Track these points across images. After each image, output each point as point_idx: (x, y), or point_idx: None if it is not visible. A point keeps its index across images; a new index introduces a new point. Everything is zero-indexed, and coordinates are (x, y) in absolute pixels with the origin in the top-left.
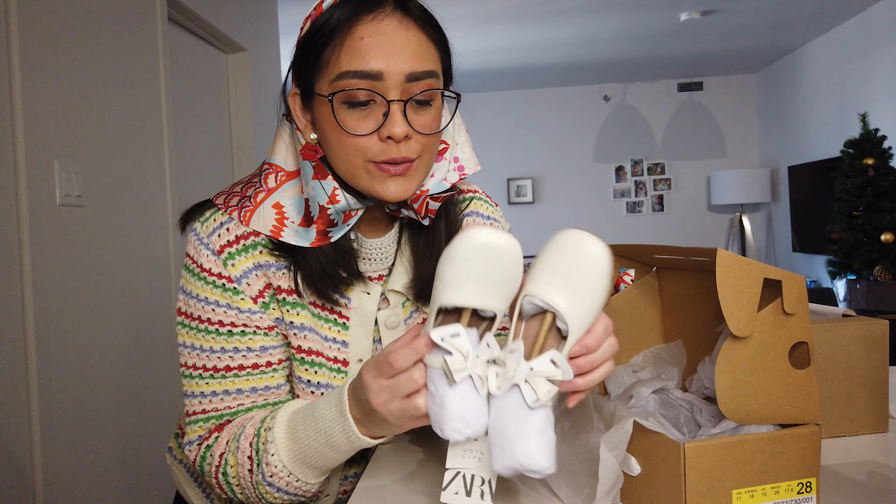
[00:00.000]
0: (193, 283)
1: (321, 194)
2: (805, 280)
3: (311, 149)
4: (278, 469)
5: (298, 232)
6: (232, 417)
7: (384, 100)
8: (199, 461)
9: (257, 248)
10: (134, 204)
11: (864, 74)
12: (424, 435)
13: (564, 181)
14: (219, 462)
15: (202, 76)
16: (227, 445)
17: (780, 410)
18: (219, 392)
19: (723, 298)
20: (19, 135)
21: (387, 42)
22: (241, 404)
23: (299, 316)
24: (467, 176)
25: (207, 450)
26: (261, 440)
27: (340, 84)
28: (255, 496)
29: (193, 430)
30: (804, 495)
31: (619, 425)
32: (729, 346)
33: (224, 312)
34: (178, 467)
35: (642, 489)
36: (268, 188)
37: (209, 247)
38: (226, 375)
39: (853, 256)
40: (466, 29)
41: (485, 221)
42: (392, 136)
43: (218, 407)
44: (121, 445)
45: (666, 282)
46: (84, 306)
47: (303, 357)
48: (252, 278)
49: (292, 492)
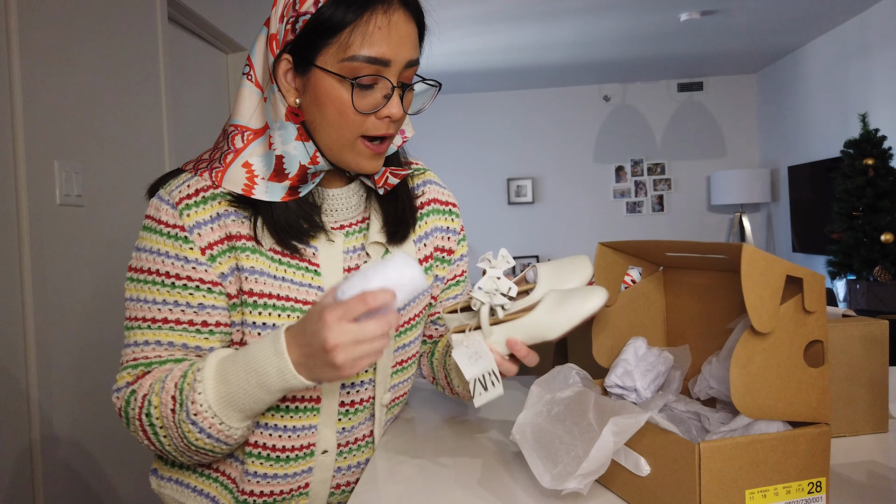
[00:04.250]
0: (147, 238)
1: (303, 154)
2: (824, 278)
3: (293, 112)
4: (203, 408)
5: (269, 187)
6: (160, 366)
7: (388, 83)
8: (123, 406)
9: (217, 199)
10: (134, 204)
11: (864, 74)
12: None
13: (564, 181)
14: (142, 403)
15: (202, 76)
16: (150, 387)
17: (792, 407)
18: (151, 342)
19: (747, 294)
20: (19, 135)
21: (395, 33)
22: (171, 355)
23: (255, 261)
24: (408, 139)
25: (132, 394)
26: (187, 381)
27: (352, 65)
28: (178, 435)
29: (122, 378)
30: (814, 495)
31: (633, 415)
32: (747, 339)
33: (172, 263)
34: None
35: (652, 490)
36: (235, 149)
37: (168, 201)
38: (161, 327)
39: (853, 256)
40: (466, 29)
41: (441, 191)
42: (391, 116)
43: (149, 355)
44: (121, 445)
45: (671, 281)
46: (84, 306)
47: (255, 300)
48: (206, 230)
49: (214, 434)
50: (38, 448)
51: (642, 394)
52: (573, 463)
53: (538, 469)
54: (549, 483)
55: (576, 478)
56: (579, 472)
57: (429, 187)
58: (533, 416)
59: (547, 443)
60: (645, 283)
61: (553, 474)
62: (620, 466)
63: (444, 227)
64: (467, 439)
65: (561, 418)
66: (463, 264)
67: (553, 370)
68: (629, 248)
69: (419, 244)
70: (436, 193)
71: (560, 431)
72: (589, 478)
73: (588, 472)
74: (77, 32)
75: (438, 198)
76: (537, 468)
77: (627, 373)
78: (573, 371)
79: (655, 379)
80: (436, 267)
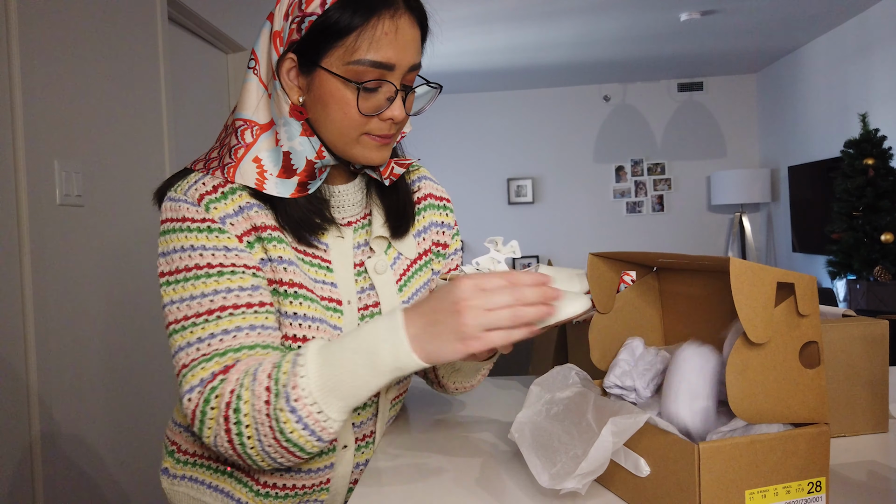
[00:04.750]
0: (175, 238)
1: (309, 150)
2: (816, 280)
3: (296, 109)
4: (305, 394)
5: (279, 183)
6: (235, 355)
7: (392, 86)
8: (201, 405)
9: (236, 192)
10: (134, 204)
11: (864, 74)
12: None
13: (564, 181)
14: (229, 399)
15: (202, 76)
16: (237, 381)
17: (790, 410)
18: (217, 333)
19: (739, 307)
20: (19, 135)
21: (401, 38)
22: (242, 343)
23: (283, 251)
24: (406, 134)
25: (212, 391)
26: (283, 370)
27: (357, 69)
28: (271, 429)
29: (195, 375)
30: (814, 494)
31: (633, 415)
32: (741, 346)
33: (212, 255)
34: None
35: (652, 490)
36: (246, 143)
37: (187, 200)
38: (221, 316)
39: (853, 256)
40: (466, 29)
41: (436, 186)
42: (393, 118)
43: (218, 348)
44: (121, 444)
45: (666, 282)
46: (84, 306)
47: (286, 290)
48: (235, 220)
49: (311, 426)
50: (39, 448)
51: (641, 393)
52: (571, 463)
53: (536, 468)
54: (548, 482)
55: (574, 477)
56: (578, 471)
57: (424, 182)
58: (532, 416)
59: (545, 442)
60: (640, 286)
61: (551, 474)
62: (619, 466)
63: (440, 222)
64: (465, 439)
65: (560, 418)
66: (457, 258)
67: (553, 370)
68: (620, 258)
69: (418, 238)
70: (431, 189)
71: (559, 431)
72: (588, 478)
73: (587, 472)
74: (77, 32)
75: (434, 193)
76: (535, 467)
77: (626, 373)
78: (573, 371)
79: (654, 378)
80: (433, 262)
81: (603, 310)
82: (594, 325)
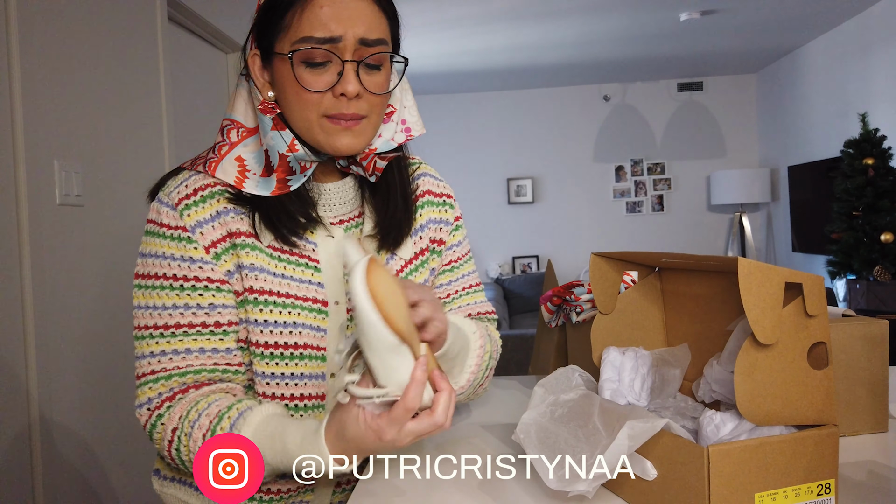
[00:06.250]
0: (150, 243)
1: (280, 144)
2: (824, 280)
3: (266, 104)
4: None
5: (260, 182)
6: (181, 379)
7: (339, 60)
8: (149, 427)
9: (215, 197)
10: (134, 204)
11: (864, 74)
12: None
13: (564, 181)
14: (171, 437)
15: (202, 76)
16: (179, 421)
17: (798, 411)
18: (168, 352)
19: (748, 308)
20: (19, 134)
21: (343, 9)
22: (189, 365)
23: (255, 257)
24: (413, 137)
25: (158, 419)
26: (221, 426)
27: (303, 47)
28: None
29: (143, 392)
30: (824, 497)
31: (650, 419)
32: (749, 348)
33: (178, 265)
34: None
35: (660, 494)
36: (230, 142)
37: (168, 203)
38: (175, 333)
39: (853, 256)
40: (466, 29)
41: (436, 182)
42: (345, 92)
43: (167, 367)
44: (121, 444)
45: (668, 282)
46: (84, 306)
47: (255, 297)
48: (207, 228)
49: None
50: (39, 448)
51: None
52: (580, 465)
53: (544, 470)
54: (556, 484)
55: (584, 480)
56: (591, 474)
57: (423, 179)
58: (537, 417)
59: (552, 444)
60: (642, 286)
61: (559, 475)
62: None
63: (438, 219)
64: (467, 440)
65: (565, 420)
66: (460, 249)
67: (556, 372)
68: (622, 258)
69: (415, 237)
70: (430, 185)
71: (565, 434)
72: (598, 481)
73: (598, 476)
74: (77, 32)
75: (432, 189)
76: (542, 469)
77: (616, 392)
78: (576, 373)
79: (643, 383)
80: (431, 260)
81: (605, 310)
82: (596, 325)
